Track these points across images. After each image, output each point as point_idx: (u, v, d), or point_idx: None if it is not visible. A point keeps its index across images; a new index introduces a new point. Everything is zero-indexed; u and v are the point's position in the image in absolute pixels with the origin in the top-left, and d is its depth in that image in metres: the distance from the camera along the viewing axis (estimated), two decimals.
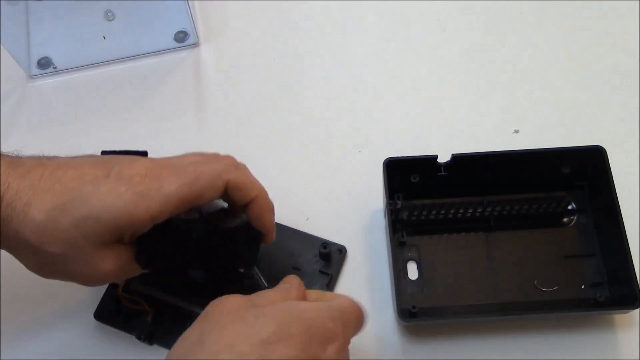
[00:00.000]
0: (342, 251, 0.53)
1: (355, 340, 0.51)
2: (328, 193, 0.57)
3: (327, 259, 0.53)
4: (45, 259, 0.40)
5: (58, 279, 0.42)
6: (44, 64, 0.64)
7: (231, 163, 0.43)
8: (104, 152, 0.48)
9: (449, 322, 0.52)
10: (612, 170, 0.51)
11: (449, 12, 0.66)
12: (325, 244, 0.52)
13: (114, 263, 0.41)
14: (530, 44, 0.64)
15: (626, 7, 0.65)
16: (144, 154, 0.49)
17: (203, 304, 0.44)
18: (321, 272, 0.52)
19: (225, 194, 0.43)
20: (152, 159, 0.42)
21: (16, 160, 0.40)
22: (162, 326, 0.50)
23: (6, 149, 0.59)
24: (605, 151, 0.52)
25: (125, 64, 0.64)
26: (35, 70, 0.64)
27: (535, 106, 0.61)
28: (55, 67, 0.64)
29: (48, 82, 0.64)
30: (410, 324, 0.51)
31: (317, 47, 0.65)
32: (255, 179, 0.44)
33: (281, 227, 0.53)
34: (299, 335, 0.37)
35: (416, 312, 0.49)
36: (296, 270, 0.52)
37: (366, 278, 0.53)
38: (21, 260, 0.41)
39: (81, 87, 0.64)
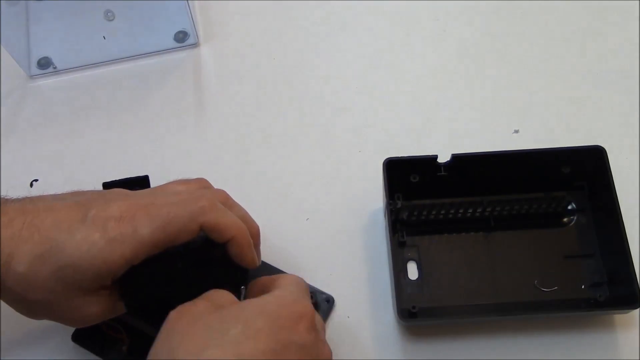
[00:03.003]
0: (329, 301, 0.51)
1: (355, 340, 0.51)
2: (328, 193, 0.57)
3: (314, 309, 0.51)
4: (31, 305, 0.41)
5: (47, 319, 0.43)
6: (44, 64, 0.64)
7: (207, 205, 0.42)
8: (105, 184, 0.49)
9: (449, 322, 0.52)
10: (612, 170, 0.51)
11: (448, 11, 0.66)
12: (311, 293, 0.50)
13: (97, 307, 0.42)
14: (530, 43, 0.64)
15: (626, 7, 0.65)
16: (144, 179, 0.49)
17: None
18: None
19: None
20: (128, 199, 0.42)
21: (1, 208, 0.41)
22: (137, 357, 0.49)
23: (6, 148, 0.60)
24: (605, 151, 0.52)
25: (125, 64, 0.64)
26: (35, 70, 0.64)
27: (535, 106, 0.61)
28: (55, 67, 0.64)
29: (48, 82, 0.64)
30: (410, 324, 0.51)
31: (317, 47, 0.65)
32: (232, 219, 0.43)
33: (270, 269, 0.52)
34: (266, 327, 0.38)
35: (416, 312, 0.49)
36: None
37: (366, 278, 0.53)
38: (9, 305, 0.42)
39: (81, 87, 0.64)
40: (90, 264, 0.39)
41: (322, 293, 0.52)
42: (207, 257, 0.44)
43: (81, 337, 0.50)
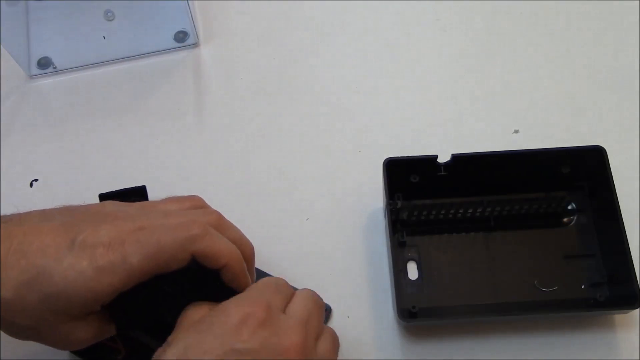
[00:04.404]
0: (327, 310, 0.51)
1: (355, 340, 0.51)
2: (328, 193, 0.57)
3: None
4: (19, 329, 0.41)
5: (36, 342, 0.43)
6: (44, 64, 0.64)
7: (199, 232, 0.41)
8: (101, 195, 0.49)
9: (449, 322, 0.52)
10: (612, 170, 0.51)
11: (448, 12, 0.66)
12: None
13: (86, 332, 0.41)
14: (530, 43, 0.64)
15: (626, 7, 0.65)
16: (141, 189, 0.50)
17: None
18: None
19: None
20: (117, 223, 0.41)
21: None
22: None
23: (6, 148, 0.60)
24: (605, 151, 0.52)
25: (125, 64, 0.64)
26: (35, 70, 0.64)
27: (535, 106, 0.61)
28: (55, 67, 0.64)
29: (48, 82, 0.64)
30: (410, 324, 0.51)
31: (317, 47, 0.65)
32: (224, 245, 0.42)
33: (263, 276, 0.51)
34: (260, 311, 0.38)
35: (416, 312, 0.49)
36: None
37: (366, 278, 0.53)
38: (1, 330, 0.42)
39: (81, 87, 0.64)
40: (77, 292, 0.39)
41: None
42: (198, 281, 0.43)
43: None
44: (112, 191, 0.50)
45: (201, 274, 0.42)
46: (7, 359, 0.51)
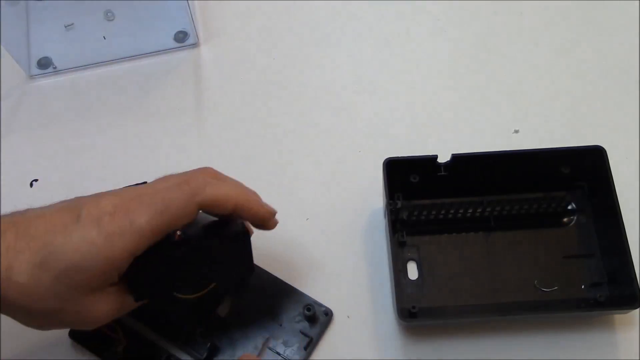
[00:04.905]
0: (328, 314, 0.51)
1: (355, 340, 0.51)
2: (328, 193, 0.57)
3: (311, 321, 0.50)
4: (38, 316, 0.41)
5: (59, 329, 0.43)
6: (44, 64, 0.64)
7: (200, 183, 0.42)
8: None
9: (449, 322, 0.52)
10: (612, 170, 0.51)
11: (448, 12, 0.66)
12: (309, 305, 0.50)
13: (106, 305, 0.41)
14: (530, 44, 0.64)
15: (626, 7, 0.65)
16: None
17: (179, 344, 0.47)
18: (302, 332, 0.50)
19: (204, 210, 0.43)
20: (119, 192, 0.42)
21: None
22: (132, 358, 0.49)
23: (6, 148, 0.60)
24: (605, 151, 0.52)
25: (125, 64, 0.64)
26: (35, 70, 0.64)
27: (535, 106, 0.61)
28: (55, 67, 0.64)
29: (48, 82, 0.64)
30: (410, 324, 0.51)
31: (317, 46, 0.65)
32: (228, 188, 0.43)
33: (269, 278, 0.52)
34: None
35: (416, 312, 0.49)
36: (278, 325, 0.50)
37: (366, 278, 0.53)
38: (17, 320, 0.41)
39: (81, 87, 0.64)
40: (93, 263, 0.39)
41: (321, 305, 0.51)
42: (210, 244, 0.43)
43: (78, 335, 0.50)
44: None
45: (211, 238, 0.43)
46: (7, 358, 0.51)
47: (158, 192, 0.41)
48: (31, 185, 0.59)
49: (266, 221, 0.45)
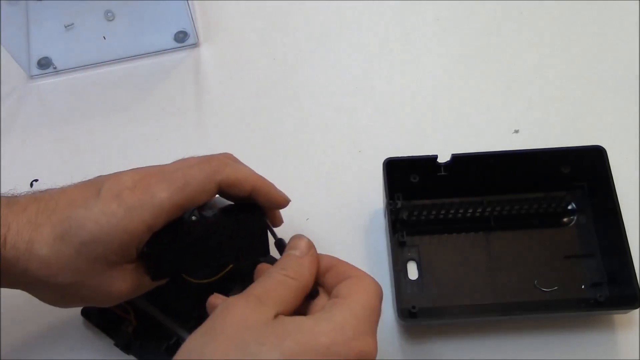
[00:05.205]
0: None
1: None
2: (328, 193, 0.57)
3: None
4: (58, 290, 0.41)
5: (75, 306, 0.44)
6: (44, 64, 0.64)
7: (220, 163, 0.43)
8: None
9: (448, 322, 0.52)
10: (612, 170, 0.51)
11: (448, 12, 0.66)
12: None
13: (124, 281, 0.42)
14: (530, 44, 0.64)
15: (626, 7, 0.65)
16: None
17: (189, 328, 0.46)
18: None
19: (222, 191, 0.43)
20: (139, 169, 0.42)
21: (12, 200, 0.41)
22: (141, 339, 0.49)
23: (6, 148, 0.60)
24: (605, 151, 0.52)
25: (125, 64, 0.64)
26: (35, 70, 0.64)
27: (535, 106, 0.61)
28: (55, 67, 0.64)
29: (48, 82, 0.64)
30: (410, 324, 0.51)
31: (317, 46, 0.65)
32: (247, 170, 0.44)
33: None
34: None
35: (416, 312, 0.49)
36: None
37: None
38: (36, 296, 0.42)
39: (81, 87, 0.64)
40: (112, 235, 0.39)
41: None
42: (227, 220, 0.44)
43: (90, 313, 0.51)
44: None
45: (228, 219, 0.44)
46: (7, 358, 0.51)
47: (179, 169, 0.42)
48: (31, 185, 0.59)
49: (281, 205, 0.46)
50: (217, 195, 0.44)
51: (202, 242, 0.43)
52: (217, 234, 0.44)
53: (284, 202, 0.46)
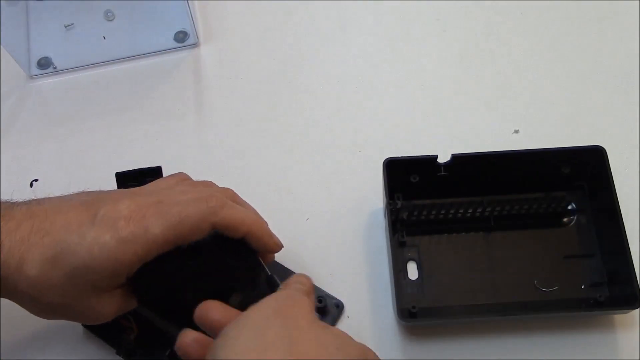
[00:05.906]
0: (339, 306, 0.51)
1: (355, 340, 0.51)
2: (328, 193, 0.57)
3: (323, 313, 0.51)
4: (46, 308, 0.41)
5: (61, 319, 0.43)
6: (44, 64, 0.64)
7: (218, 203, 0.42)
8: (118, 174, 0.49)
9: (448, 322, 0.52)
10: (612, 170, 0.51)
11: (449, 12, 0.66)
12: (321, 297, 0.51)
13: (111, 305, 0.42)
14: (530, 44, 0.64)
15: (626, 7, 0.65)
16: (157, 169, 0.50)
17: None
18: None
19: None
20: (137, 197, 0.42)
21: (7, 213, 0.41)
22: (143, 348, 0.49)
23: (6, 148, 0.60)
24: (605, 151, 0.52)
25: (125, 64, 0.64)
26: (35, 70, 0.64)
27: (535, 106, 0.61)
28: (55, 67, 0.64)
29: (48, 82, 0.64)
30: (410, 324, 0.51)
31: (317, 47, 0.65)
32: (243, 213, 0.43)
33: (282, 269, 0.52)
34: None
35: (416, 312, 0.49)
36: None
37: (366, 278, 0.53)
38: (26, 309, 0.42)
39: (81, 87, 0.64)
40: (102, 265, 0.39)
41: (332, 298, 0.52)
42: (219, 252, 0.44)
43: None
44: (129, 170, 0.50)
45: (220, 246, 0.43)
46: (6, 358, 0.51)
47: (176, 204, 0.41)
48: (31, 185, 0.59)
49: (272, 251, 0.46)
50: None
51: (191, 271, 0.43)
52: (206, 264, 0.43)
53: (276, 248, 0.46)
